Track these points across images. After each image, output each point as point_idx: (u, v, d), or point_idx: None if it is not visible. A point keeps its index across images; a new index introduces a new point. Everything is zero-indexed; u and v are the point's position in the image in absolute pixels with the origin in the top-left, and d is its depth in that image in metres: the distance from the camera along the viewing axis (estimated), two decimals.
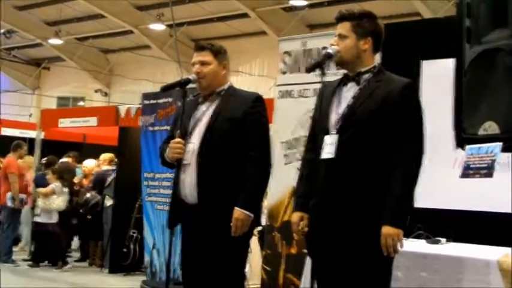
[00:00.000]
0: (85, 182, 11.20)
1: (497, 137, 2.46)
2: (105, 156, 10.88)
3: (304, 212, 3.45)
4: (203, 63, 3.91)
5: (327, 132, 3.33)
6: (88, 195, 10.68)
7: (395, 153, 3.18)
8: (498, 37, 2.54)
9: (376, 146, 3.24)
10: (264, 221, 5.27)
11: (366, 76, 3.38)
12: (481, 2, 2.65)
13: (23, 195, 10.42)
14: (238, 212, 3.68)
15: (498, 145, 2.43)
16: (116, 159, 10.38)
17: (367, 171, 3.23)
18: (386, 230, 3.13)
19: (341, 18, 3.42)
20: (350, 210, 3.24)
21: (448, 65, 2.89)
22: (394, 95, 3.25)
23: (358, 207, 3.23)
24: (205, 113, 3.90)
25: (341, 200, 3.26)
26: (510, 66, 2.44)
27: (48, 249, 10.18)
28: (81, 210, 10.53)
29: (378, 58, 3.55)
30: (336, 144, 3.27)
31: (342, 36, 3.38)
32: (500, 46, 2.51)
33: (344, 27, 3.39)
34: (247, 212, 3.69)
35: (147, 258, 8.15)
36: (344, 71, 3.49)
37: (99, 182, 10.40)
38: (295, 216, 3.49)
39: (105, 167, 10.66)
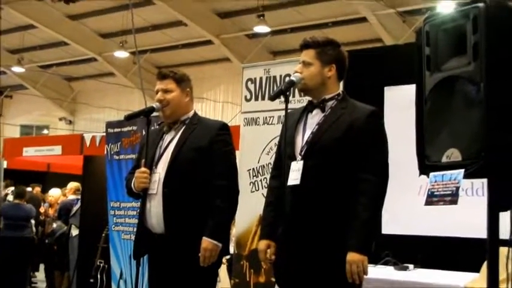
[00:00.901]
0: (50, 211, 11.08)
1: (460, 164, 2.49)
2: (71, 185, 10.79)
3: (271, 239, 3.43)
4: (166, 91, 3.90)
5: (293, 159, 3.34)
6: (54, 225, 10.57)
7: (360, 180, 3.20)
8: (457, 65, 2.58)
9: (341, 173, 3.25)
10: (232, 249, 5.25)
11: (331, 103, 3.40)
12: (440, 30, 2.69)
13: None
14: (206, 242, 3.66)
15: (461, 172, 2.46)
16: (81, 189, 10.30)
17: (332, 198, 3.24)
18: (351, 256, 3.13)
19: (305, 45, 3.45)
20: (315, 237, 3.24)
21: (410, 91, 2.91)
22: (359, 123, 3.27)
23: (323, 234, 3.23)
24: (170, 142, 3.89)
25: (306, 226, 3.25)
26: (469, 93, 2.48)
27: (14, 279, 10.04)
28: (47, 240, 10.41)
29: (340, 85, 3.57)
30: (301, 171, 3.28)
31: (306, 64, 3.40)
32: (459, 74, 2.55)
33: (308, 55, 3.41)
34: (216, 242, 3.67)
35: None
36: (309, 98, 3.52)
37: (64, 212, 10.29)
38: (262, 244, 3.46)
39: (71, 197, 10.56)
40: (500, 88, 2.43)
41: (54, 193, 11.51)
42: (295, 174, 3.30)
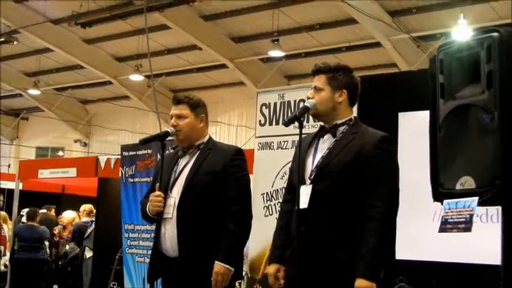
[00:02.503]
0: (64, 233, 11.13)
1: (474, 191, 2.50)
2: (85, 207, 10.84)
3: (281, 263, 3.44)
4: (180, 117, 3.93)
5: (303, 183, 3.35)
6: (67, 247, 10.62)
7: (368, 206, 3.19)
8: (471, 93, 2.60)
9: (349, 198, 3.25)
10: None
11: (342, 128, 3.41)
12: (454, 58, 2.72)
13: (1, 247, 10.32)
14: (218, 266, 3.67)
15: (475, 199, 2.47)
16: (94, 211, 10.34)
17: (338, 222, 3.24)
18: (359, 283, 3.12)
19: (317, 71, 3.47)
20: (322, 262, 3.24)
21: (425, 117, 2.93)
22: (368, 148, 3.27)
23: (330, 259, 3.23)
24: (185, 166, 3.92)
25: (313, 251, 3.25)
26: (483, 121, 2.49)
27: None
28: (60, 262, 10.45)
29: (354, 110, 3.60)
30: (309, 195, 3.29)
31: (317, 89, 3.43)
32: (473, 102, 2.56)
33: (319, 80, 3.44)
34: (228, 266, 3.69)
35: None
36: (321, 123, 3.54)
37: (78, 233, 10.34)
38: (272, 268, 3.47)
39: (84, 219, 10.61)
40: None
41: (68, 215, 11.58)
42: (304, 198, 3.30)
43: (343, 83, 3.44)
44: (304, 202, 3.30)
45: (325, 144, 3.41)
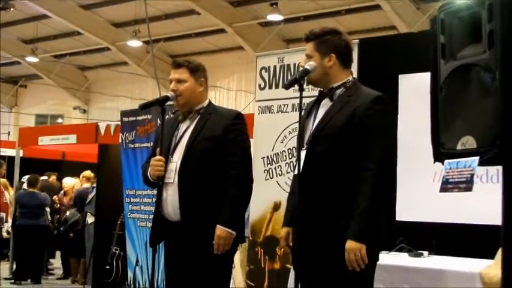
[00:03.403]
0: (65, 199, 11.18)
1: (475, 151, 2.50)
2: (84, 173, 10.88)
3: (291, 226, 3.48)
4: (179, 81, 3.92)
5: (303, 148, 3.37)
6: (68, 213, 10.67)
7: (360, 169, 3.19)
8: (472, 53, 2.58)
9: (344, 161, 3.26)
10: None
11: (339, 91, 3.41)
12: (455, 18, 2.69)
13: (3, 214, 10.37)
14: (220, 230, 3.70)
15: (476, 159, 2.47)
16: (93, 176, 10.39)
17: (333, 187, 3.26)
18: (349, 244, 3.15)
19: (306, 39, 3.49)
20: (318, 225, 3.28)
21: (425, 79, 2.92)
22: (361, 109, 3.26)
23: (325, 224, 3.26)
24: (185, 131, 3.92)
25: (311, 215, 3.28)
26: (484, 81, 2.48)
27: (30, 266, 10.18)
28: (61, 228, 10.51)
29: (355, 73, 3.58)
30: (303, 160, 3.31)
31: (308, 56, 3.45)
32: (474, 61, 2.54)
33: (309, 48, 3.45)
34: (230, 230, 3.71)
35: (130, 275, 8.11)
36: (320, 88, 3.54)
37: (79, 200, 10.39)
38: (283, 231, 3.53)
39: (85, 185, 10.65)
40: None
41: (69, 181, 11.62)
42: (301, 164, 3.32)
43: (331, 47, 3.43)
44: (301, 167, 3.31)
45: (323, 108, 3.42)
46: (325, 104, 3.42)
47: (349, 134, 3.24)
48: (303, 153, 3.34)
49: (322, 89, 3.47)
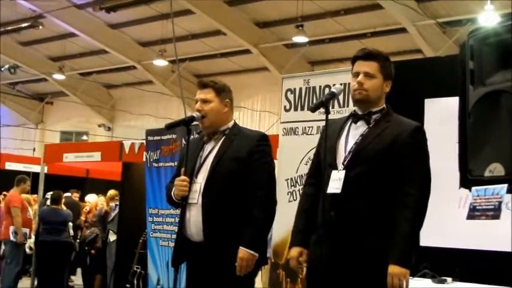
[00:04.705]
0: (89, 216, 11.24)
1: (503, 178, 2.48)
2: (109, 194, 10.92)
3: (304, 247, 3.45)
4: (205, 101, 3.93)
5: (334, 168, 3.35)
6: (87, 231, 10.75)
7: (403, 194, 3.22)
8: (502, 79, 2.57)
9: (382, 185, 3.27)
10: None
11: (375, 116, 3.42)
12: (484, 44, 2.69)
13: (26, 230, 10.44)
14: (243, 252, 3.68)
15: (504, 187, 2.45)
16: (113, 194, 10.45)
17: (372, 208, 3.26)
18: (393, 269, 3.14)
19: (368, 56, 3.44)
20: (354, 247, 3.25)
21: (451, 104, 2.91)
22: (404, 137, 3.30)
23: (362, 244, 3.24)
24: (210, 152, 3.92)
25: (345, 235, 3.26)
26: None
27: (51, 282, 10.23)
28: (86, 248, 10.59)
29: None
30: (342, 180, 3.29)
31: (369, 75, 3.40)
32: (504, 88, 2.54)
33: (371, 67, 3.41)
34: (252, 252, 3.69)
35: None
36: (350, 109, 3.53)
37: (102, 217, 10.44)
38: (295, 251, 3.47)
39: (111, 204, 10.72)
40: None
41: (91, 199, 11.68)
42: (336, 184, 3.31)
43: (390, 73, 3.48)
44: (335, 187, 3.30)
45: (358, 130, 3.41)
46: (360, 127, 3.42)
47: (389, 159, 3.27)
48: (337, 174, 3.32)
49: (357, 111, 3.45)
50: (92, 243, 10.36)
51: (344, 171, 3.31)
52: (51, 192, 10.71)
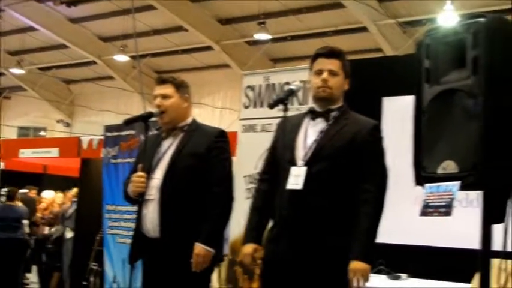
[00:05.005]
0: (45, 213, 11.09)
1: (456, 176, 2.51)
2: (71, 193, 10.82)
3: (258, 244, 3.44)
4: (164, 97, 3.91)
5: (294, 164, 3.34)
6: (53, 229, 10.61)
7: (362, 191, 3.25)
8: (456, 78, 2.60)
9: (342, 182, 3.29)
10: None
11: (334, 114, 3.42)
12: (441, 43, 2.72)
13: None
14: (199, 248, 3.67)
15: (456, 184, 2.48)
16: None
17: (333, 205, 3.27)
18: (355, 264, 3.16)
19: (331, 54, 3.44)
20: (316, 243, 3.25)
21: (408, 102, 2.93)
22: (363, 135, 3.33)
23: (324, 242, 3.24)
24: (168, 148, 3.90)
25: (306, 232, 3.26)
26: (467, 106, 2.50)
27: (6, 280, 10.07)
28: (49, 246, 10.43)
29: None
30: (303, 177, 3.29)
31: (333, 73, 3.40)
32: (458, 87, 2.57)
33: (335, 65, 3.41)
34: (208, 248, 3.68)
35: None
36: (308, 106, 3.54)
37: (60, 214, 10.32)
38: (249, 248, 3.43)
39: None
40: (498, 102, 2.46)
41: (48, 195, 11.53)
42: (296, 179, 3.30)
43: (349, 71, 3.49)
44: (296, 183, 3.29)
45: (317, 127, 3.41)
46: (319, 124, 3.42)
47: (349, 156, 3.29)
48: (298, 170, 3.31)
49: (315, 108, 3.46)
50: (58, 241, 10.24)
51: (305, 167, 3.32)
52: (5, 189, 10.56)
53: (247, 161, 6.06)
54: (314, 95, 3.45)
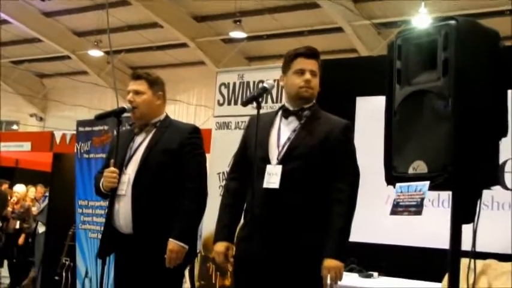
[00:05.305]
0: (16, 207, 11.01)
1: (426, 176, 2.55)
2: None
3: (230, 242, 3.45)
4: (137, 93, 3.92)
5: (267, 162, 3.35)
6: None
7: (335, 190, 3.28)
8: (427, 79, 2.63)
9: (315, 180, 3.31)
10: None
11: (306, 113, 3.45)
12: (412, 44, 2.75)
13: None
14: (172, 244, 3.68)
15: (426, 184, 2.51)
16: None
17: (307, 204, 3.29)
18: (328, 262, 3.19)
19: (313, 55, 3.46)
20: (291, 242, 3.27)
21: (381, 102, 2.96)
22: (335, 134, 3.35)
23: (299, 240, 3.27)
24: (141, 144, 3.91)
25: (280, 229, 3.28)
26: (438, 108, 2.53)
27: None
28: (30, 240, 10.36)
29: None
30: (279, 175, 3.30)
31: (314, 74, 3.43)
32: (428, 88, 2.60)
33: (315, 65, 3.44)
34: (182, 244, 3.69)
35: (79, 287, 8.00)
36: (279, 105, 3.55)
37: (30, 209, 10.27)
38: (221, 246, 3.44)
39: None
40: (467, 104, 2.49)
41: (20, 189, 11.43)
42: (272, 178, 3.31)
43: (321, 71, 3.49)
44: (272, 182, 3.30)
45: (290, 126, 3.43)
46: (292, 123, 3.44)
47: (322, 155, 3.32)
48: (273, 168, 3.33)
49: (288, 107, 3.47)
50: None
51: (280, 165, 3.33)
52: None
53: (221, 158, 6.07)
54: (295, 95, 3.44)
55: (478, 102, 2.51)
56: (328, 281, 3.19)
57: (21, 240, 10.54)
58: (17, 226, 10.84)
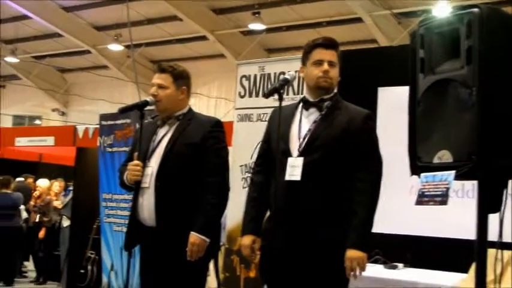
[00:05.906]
0: (38, 201, 11.11)
1: (451, 165, 2.53)
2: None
3: (256, 235, 3.46)
4: (161, 87, 3.90)
5: (289, 155, 3.35)
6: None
7: (357, 180, 3.27)
8: (450, 68, 2.61)
9: (337, 171, 3.31)
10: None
11: (327, 103, 3.44)
12: (434, 33, 2.73)
13: None
14: (194, 237, 3.68)
15: (452, 173, 2.50)
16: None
17: (328, 196, 3.28)
18: (352, 253, 3.19)
19: (331, 45, 3.46)
20: (311, 233, 3.27)
21: (404, 93, 2.95)
22: (356, 124, 3.35)
23: (319, 231, 3.26)
24: (164, 136, 3.90)
25: (302, 222, 3.28)
26: (461, 96, 2.51)
27: (3, 268, 10.08)
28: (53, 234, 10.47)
29: None
30: (301, 167, 3.30)
31: (333, 64, 3.42)
32: (452, 77, 2.58)
33: (334, 56, 3.44)
34: (203, 237, 3.69)
35: (104, 280, 8.06)
36: (300, 96, 3.55)
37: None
38: (248, 239, 3.47)
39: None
40: (492, 92, 2.47)
41: (42, 183, 11.53)
42: (294, 170, 3.32)
43: (341, 61, 3.49)
44: (294, 174, 3.31)
45: (310, 117, 3.43)
46: (312, 114, 3.43)
47: (343, 145, 3.31)
48: (295, 161, 3.33)
49: (308, 98, 3.47)
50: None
51: (301, 157, 3.33)
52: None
53: (243, 150, 6.08)
54: (314, 85, 3.44)
55: (502, 90, 2.49)
56: (351, 272, 3.19)
57: (41, 233, 10.62)
58: (37, 219, 10.94)
